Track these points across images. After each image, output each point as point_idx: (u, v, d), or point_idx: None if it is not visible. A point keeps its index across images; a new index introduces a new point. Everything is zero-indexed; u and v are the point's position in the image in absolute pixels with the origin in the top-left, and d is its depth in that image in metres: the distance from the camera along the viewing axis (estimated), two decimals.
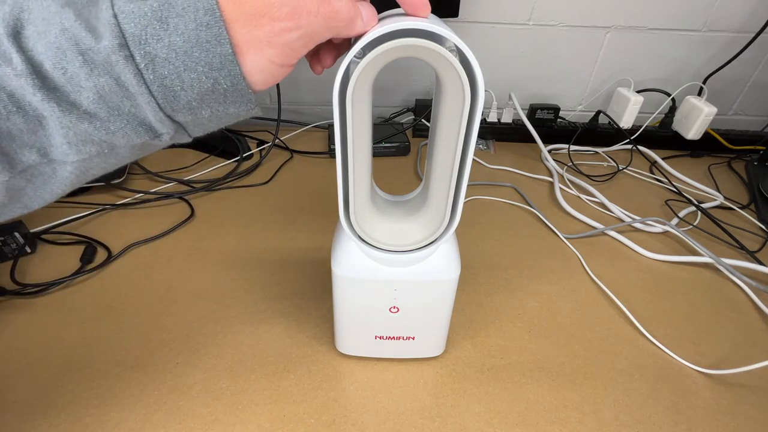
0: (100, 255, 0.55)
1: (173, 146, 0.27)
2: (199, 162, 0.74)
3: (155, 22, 0.21)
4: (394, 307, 0.39)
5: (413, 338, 0.42)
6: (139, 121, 0.23)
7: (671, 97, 0.82)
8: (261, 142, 0.81)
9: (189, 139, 0.26)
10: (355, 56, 0.26)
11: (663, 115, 0.84)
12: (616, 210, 0.67)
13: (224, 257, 0.56)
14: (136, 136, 0.23)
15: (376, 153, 0.79)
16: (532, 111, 0.83)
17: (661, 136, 0.85)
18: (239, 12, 0.22)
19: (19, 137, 0.22)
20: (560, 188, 0.71)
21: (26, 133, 0.22)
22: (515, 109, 0.83)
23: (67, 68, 0.21)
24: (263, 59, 0.23)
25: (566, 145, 0.83)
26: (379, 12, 0.30)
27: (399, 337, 0.42)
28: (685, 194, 0.71)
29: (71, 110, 0.21)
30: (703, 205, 0.68)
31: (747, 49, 0.80)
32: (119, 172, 0.66)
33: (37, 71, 0.21)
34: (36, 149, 0.23)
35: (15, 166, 0.23)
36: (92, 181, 0.64)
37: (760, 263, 0.57)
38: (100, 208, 0.63)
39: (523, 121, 0.81)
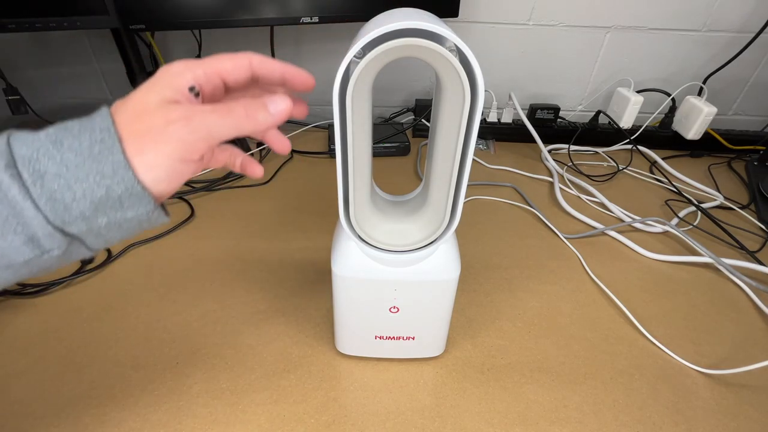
0: (100, 255, 0.55)
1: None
2: None
3: (49, 143, 0.22)
4: (394, 307, 0.39)
5: (413, 338, 0.42)
6: (27, 238, 0.23)
7: (671, 97, 0.82)
8: (261, 142, 0.81)
9: (88, 254, 0.26)
10: (355, 56, 0.26)
11: (663, 115, 0.84)
12: (616, 210, 0.67)
13: (224, 257, 0.56)
14: (19, 254, 0.23)
15: (376, 153, 0.79)
16: (532, 111, 0.83)
17: (661, 136, 0.85)
18: (137, 125, 0.23)
19: None
20: (560, 188, 0.71)
21: None
22: (515, 109, 0.83)
23: None
24: (160, 155, 0.23)
25: (566, 145, 0.83)
26: (380, 11, 0.30)
27: (399, 337, 0.42)
28: (685, 194, 0.71)
29: None
30: (703, 205, 0.68)
31: (747, 49, 0.80)
32: None
33: None
34: None
35: None
36: None
37: (760, 263, 0.57)
38: None
39: (523, 121, 0.81)
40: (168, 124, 0.23)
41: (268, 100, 0.26)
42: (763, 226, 0.66)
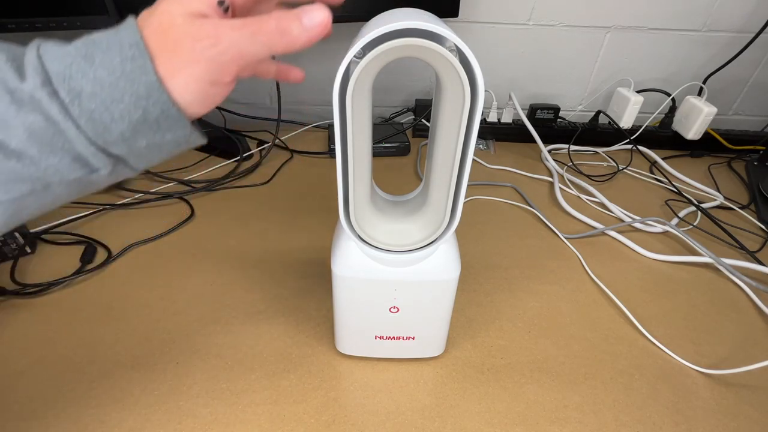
0: (100, 255, 0.55)
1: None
2: (199, 162, 0.74)
3: (80, 59, 0.21)
4: (394, 307, 0.39)
5: (413, 338, 0.42)
6: (73, 157, 0.23)
7: (671, 97, 0.82)
8: (261, 142, 0.81)
9: (133, 174, 0.26)
10: (355, 56, 0.26)
11: (663, 115, 0.84)
12: (616, 210, 0.67)
13: (224, 257, 0.56)
14: (70, 171, 0.23)
15: (376, 153, 0.79)
16: (532, 111, 0.83)
17: (661, 136, 0.84)
18: (164, 42, 0.22)
19: None
20: (560, 188, 0.71)
21: None
22: (515, 109, 0.83)
23: None
24: (191, 78, 0.23)
25: (566, 145, 0.83)
26: (380, 11, 0.30)
27: (399, 337, 0.42)
28: (685, 194, 0.71)
29: None
30: (703, 205, 0.68)
31: (747, 49, 0.80)
32: None
33: None
34: None
35: None
36: None
37: (760, 263, 0.57)
38: (100, 208, 0.62)
39: (523, 121, 0.81)
40: (195, 42, 0.22)
41: (301, 11, 0.24)
42: (763, 226, 0.66)
